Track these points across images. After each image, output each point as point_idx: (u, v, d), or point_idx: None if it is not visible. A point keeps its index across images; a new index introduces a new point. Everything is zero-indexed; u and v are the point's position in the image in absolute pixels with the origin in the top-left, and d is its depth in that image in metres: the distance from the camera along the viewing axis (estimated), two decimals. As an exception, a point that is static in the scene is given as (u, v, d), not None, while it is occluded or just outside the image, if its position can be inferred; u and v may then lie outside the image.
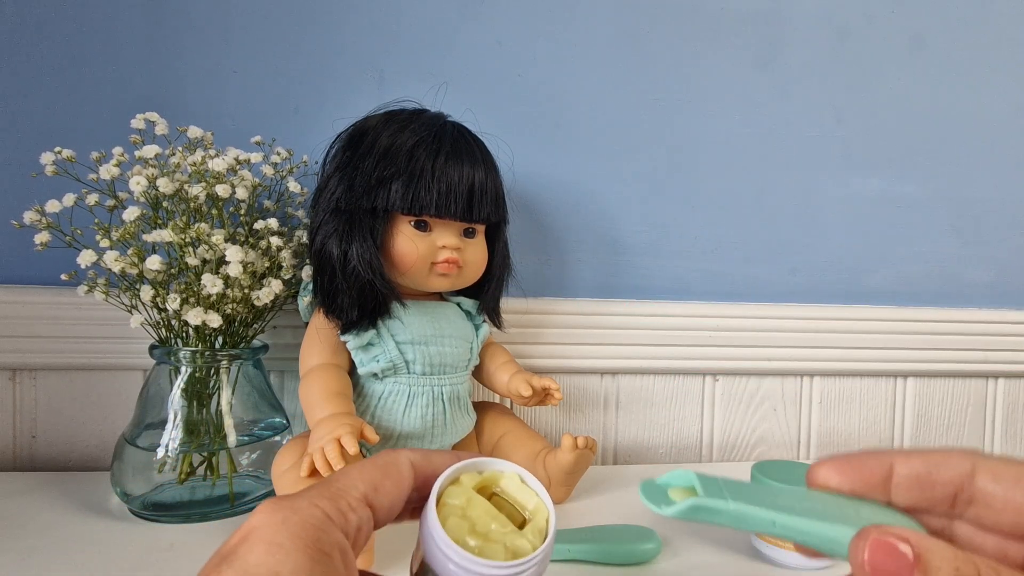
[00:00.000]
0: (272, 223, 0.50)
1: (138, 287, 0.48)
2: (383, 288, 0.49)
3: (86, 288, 0.49)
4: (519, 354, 0.63)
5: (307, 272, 0.52)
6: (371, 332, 0.50)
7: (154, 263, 0.46)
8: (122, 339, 0.58)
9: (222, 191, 0.48)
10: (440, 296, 0.56)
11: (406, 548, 0.27)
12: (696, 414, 0.71)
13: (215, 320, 0.47)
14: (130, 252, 0.47)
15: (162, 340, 0.51)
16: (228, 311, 0.48)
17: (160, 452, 0.48)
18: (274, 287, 0.49)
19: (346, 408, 0.47)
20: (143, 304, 0.48)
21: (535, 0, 0.65)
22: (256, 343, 0.54)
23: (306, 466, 0.42)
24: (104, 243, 0.47)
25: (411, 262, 0.50)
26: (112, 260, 0.46)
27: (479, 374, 0.59)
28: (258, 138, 0.57)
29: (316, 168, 0.55)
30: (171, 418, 0.49)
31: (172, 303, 0.46)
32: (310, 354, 0.51)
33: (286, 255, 0.51)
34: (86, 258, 0.46)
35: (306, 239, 0.52)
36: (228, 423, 0.50)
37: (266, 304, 0.49)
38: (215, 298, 0.47)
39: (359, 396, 0.51)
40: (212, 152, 0.51)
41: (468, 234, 0.53)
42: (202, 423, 0.50)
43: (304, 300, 0.52)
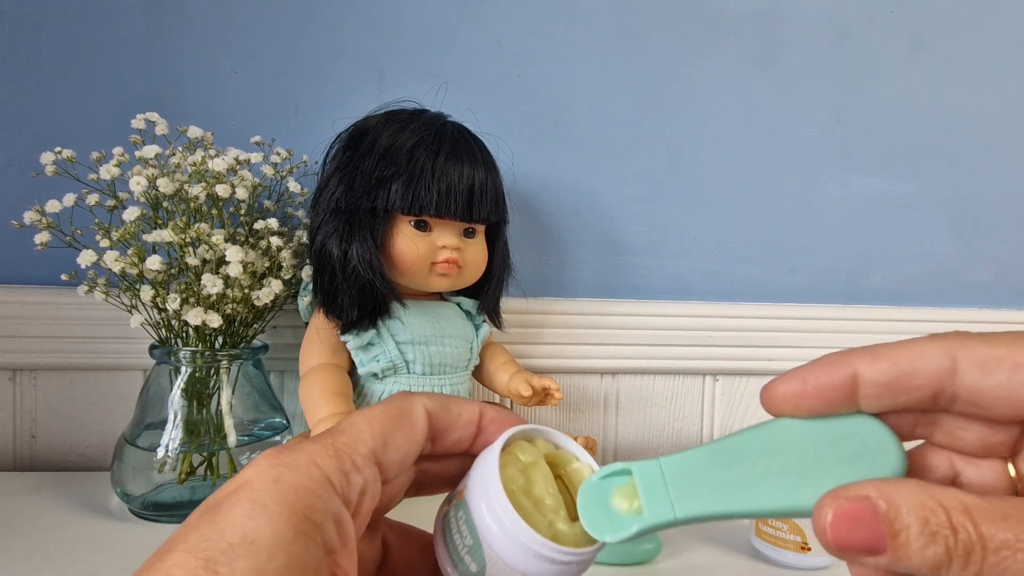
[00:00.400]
0: (272, 223, 0.50)
1: (138, 287, 0.48)
2: (383, 288, 0.49)
3: (86, 288, 0.49)
4: (519, 354, 0.63)
5: (307, 272, 0.52)
6: (371, 332, 0.50)
7: (154, 263, 0.46)
8: (122, 339, 0.58)
9: (222, 191, 0.48)
10: (440, 296, 0.56)
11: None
12: (696, 414, 0.71)
13: (215, 320, 0.47)
14: (130, 252, 0.47)
15: (162, 340, 0.51)
16: (228, 311, 0.48)
17: (160, 452, 0.48)
18: (274, 287, 0.49)
19: (346, 408, 0.47)
20: (143, 304, 0.48)
21: (535, 0, 0.65)
22: (256, 343, 0.54)
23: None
24: (104, 243, 0.47)
25: (411, 262, 0.50)
26: (112, 260, 0.46)
27: (479, 374, 0.59)
28: (258, 138, 0.57)
29: (316, 168, 0.55)
30: (171, 418, 0.49)
31: (172, 303, 0.46)
32: (310, 354, 0.51)
33: (286, 255, 0.51)
34: (86, 258, 0.46)
35: (306, 239, 0.52)
36: (228, 423, 0.50)
37: (266, 304, 0.49)
38: (215, 298, 0.47)
39: (359, 396, 0.51)
40: (212, 152, 0.51)
41: (468, 234, 0.53)
42: (202, 423, 0.50)
43: (304, 300, 0.52)
